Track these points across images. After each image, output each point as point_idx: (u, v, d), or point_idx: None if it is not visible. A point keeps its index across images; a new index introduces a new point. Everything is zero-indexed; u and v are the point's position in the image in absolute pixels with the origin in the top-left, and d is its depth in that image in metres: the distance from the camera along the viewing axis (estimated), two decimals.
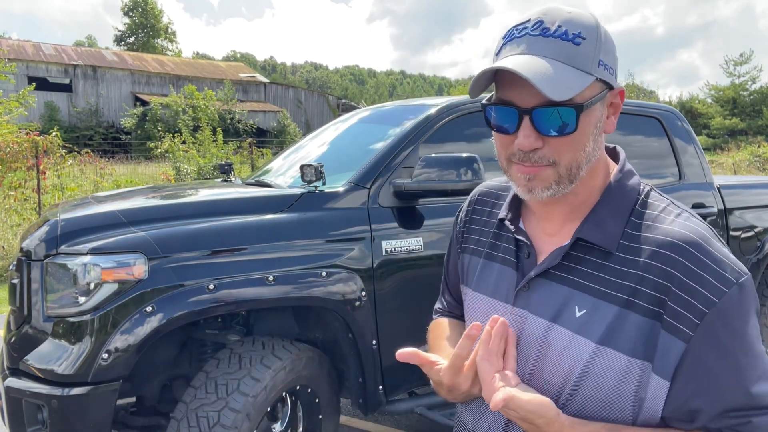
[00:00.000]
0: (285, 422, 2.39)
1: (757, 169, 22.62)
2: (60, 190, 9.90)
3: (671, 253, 0.89)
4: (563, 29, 0.91)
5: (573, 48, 0.91)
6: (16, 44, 33.67)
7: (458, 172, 2.41)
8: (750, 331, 0.88)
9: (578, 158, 0.95)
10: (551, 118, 0.91)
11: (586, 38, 0.92)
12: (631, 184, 1.01)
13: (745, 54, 39.00)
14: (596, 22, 0.94)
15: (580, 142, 0.94)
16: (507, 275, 1.07)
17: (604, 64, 0.94)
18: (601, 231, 0.96)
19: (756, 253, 3.62)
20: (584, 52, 0.91)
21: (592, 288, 0.94)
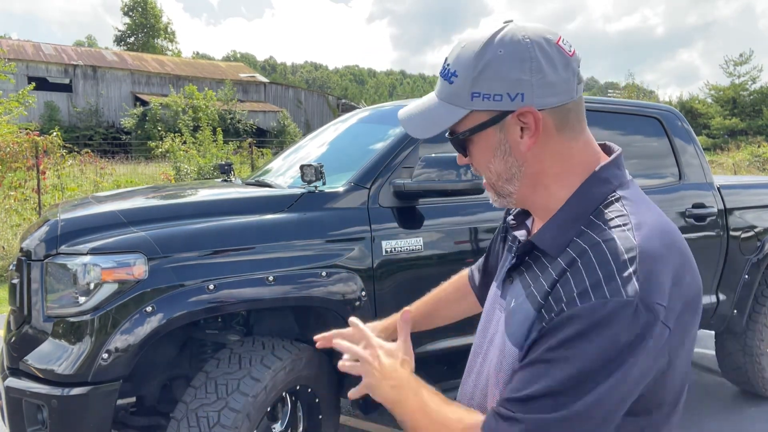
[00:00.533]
0: (285, 422, 2.39)
1: (757, 169, 22.63)
2: (60, 190, 9.90)
3: (577, 257, 0.90)
4: (447, 68, 1.01)
5: (448, 86, 1.01)
6: (16, 44, 33.67)
7: (458, 172, 2.41)
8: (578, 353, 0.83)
9: (490, 176, 1.05)
10: (453, 144, 1.07)
11: (458, 76, 0.99)
12: (596, 192, 0.99)
13: (745, 54, 38.99)
14: (478, 53, 0.97)
15: (483, 162, 1.05)
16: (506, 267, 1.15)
17: (483, 95, 0.97)
18: (547, 236, 0.99)
19: (756, 253, 3.62)
20: (456, 90, 0.99)
21: (528, 284, 1.00)
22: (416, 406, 0.99)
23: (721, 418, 3.63)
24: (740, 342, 3.67)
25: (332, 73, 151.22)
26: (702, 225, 3.40)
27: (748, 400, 3.89)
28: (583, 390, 0.83)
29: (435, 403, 0.98)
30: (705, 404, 3.86)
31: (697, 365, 4.64)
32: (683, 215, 3.34)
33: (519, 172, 1.02)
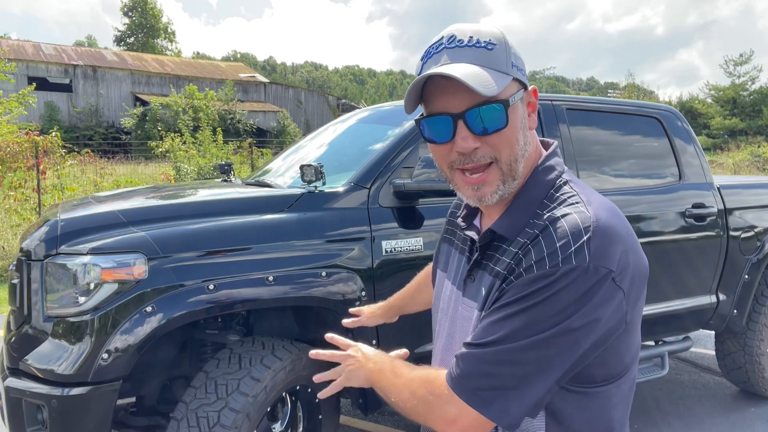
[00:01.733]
0: (285, 422, 2.39)
1: (757, 169, 22.63)
2: (60, 190, 9.89)
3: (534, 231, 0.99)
4: (475, 38, 1.01)
5: (487, 53, 1.00)
6: (16, 44, 33.66)
7: None
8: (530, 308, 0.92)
9: (515, 152, 1.03)
10: (483, 116, 0.99)
11: (496, 44, 1.01)
12: (546, 179, 1.07)
13: (745, 54, 39.01)
14: (501, 32, 1.04)
15: (512, 137, 1.02)
16: (464, 268, 1.18)
17: (516, 66, 1.03)
18: (507, 223, 1.05)
19: (756, 253, 3.62)
20: (497, 56, 1.01)
21: (493, 270, 1.05)
22: (391, 373, 1.10)
23: (721, 418, 3.63)
24: (740, 342, 3.67)
25: (332, 73, 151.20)
26: (702, 225, 3.40)
27: (748, 400, 3.89)
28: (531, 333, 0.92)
29: (407, 368, 1.09)
30: (705, 404, 3.86)
31: (697, 365, 4.64)
32: (683, 215, 3.34)
33: (526, 152, 1.06)
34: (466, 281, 1.14)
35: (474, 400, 0.94)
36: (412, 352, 2.62)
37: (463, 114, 1.00)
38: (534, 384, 0.93)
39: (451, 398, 0.96)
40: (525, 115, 1.06)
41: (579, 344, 0.92)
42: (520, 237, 1.01)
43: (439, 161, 1.09)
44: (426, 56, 1.06)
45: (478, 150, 1.02)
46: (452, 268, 1.25)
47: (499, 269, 1.03)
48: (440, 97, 1.02)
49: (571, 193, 1.03)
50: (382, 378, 1.11)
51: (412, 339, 2.50)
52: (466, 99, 0.99)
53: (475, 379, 0.95)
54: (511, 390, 0.93)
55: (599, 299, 0.92)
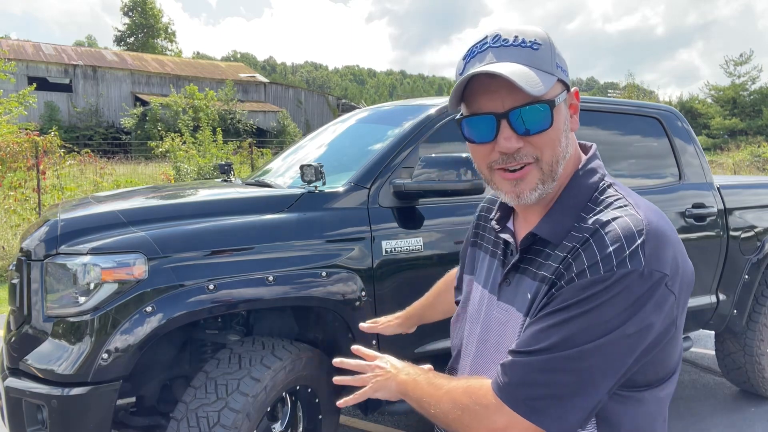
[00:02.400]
0: (285, 422, 2.39)
1: (757, 169, 22.63)
2: (60, 190, 9.89)
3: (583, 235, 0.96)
4: (520, 38, 1.00)
5: (533, 53, 0.99)
6: (16, 44, 33.66)
7: (458, 172, 2.41)
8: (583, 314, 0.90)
9: (557, 153, 1.02)
10: (527, 116, 0.98)
11: (541, 44, 1.01)
12: (588, 182, 1.06)
13: (745, 54, 39.01)
14: (546, 33, 1.03)
15: (556, 138, 1.01)
16: (498, 271, 1.16)
17: (560, 67, 1.03)
18: (550, 226, 1.03)
19: (756, 253, 3.62)
20: (543, 56, 1.00)
21: (538, 275, 1.02)
22: (428, 384, 1.06)
23: (721, 418, 3.63)
24: (740, 342, 3.67)
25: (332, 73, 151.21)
26: (702, 225, 3.40)
27: (748, 400, 3.89)
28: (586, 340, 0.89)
29: (445, 379, 1.06)
30: (705, 404, 3.86)
31: (697, 365, 4.64)
32: (683, 215, 3.34)
33: (567, 153, 1.04)
34: (501, 285, 1.12)
35: (525, 409, 0.91)
36: (412, 352, 2.63)
37: (507, 114, 0.99)
38: (589, 391, 0.90)
39: (499, 408, 0.93)
40: (567, 117, 1.05)
41: (633, 350, 0.91)
42: (566, 241, 0.99)
43: (479, 161, 1.08)
44: (469, 55, 1.04)
45: (520, 150, 1.00)
46: (482, 271, 1.23)
47: (545, 273, 1.00)
48: (483, 97, 1.01)
49: (617, 196, 1.02)
50: (418, 389, 1.07)
51: (412, 339, 2.50)
52: (509, 99, 0.98)
53: (526, 387, 0.92)
54: (566, 398, 0.90)
55: (653, 304, 0.90)
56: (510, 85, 0.96)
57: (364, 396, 1.18)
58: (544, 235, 1.03)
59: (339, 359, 1.25)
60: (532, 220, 1.09)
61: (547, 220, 1.04)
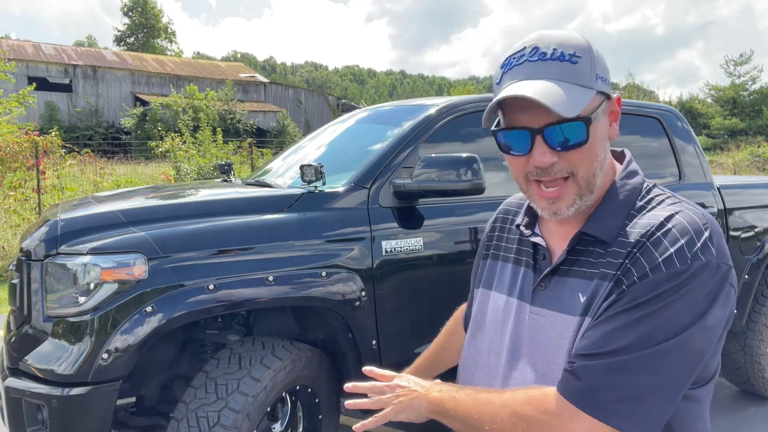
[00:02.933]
0: (285, 422, 2.39)
1: (757, 169, 22.63)
2: (60, 190, 9.89)
3: (647, 230, 0.95)
4: (559, 51, 0.98)
5: (572, 67, 0.97)
6: (16, 44, 33.66)
7: (458, 172, 2.41)
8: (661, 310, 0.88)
9: (593, 167, 1.00)
10: (563, 133, 0.97)
11: (581, 57, 0.98)
12: (632, 183, 1.06)
13: (745, 54, 39.01)
14: (587, 41, 1.01)
15: (592, 152, 0.99)
16: (528, 277, 1.13)
17: (601, 77, 1.00)
18: (601, 225, 1.01)
19: (756, 253, 3.62)
20: (582, 70, 0.98)
21: (592, 273, 1.00)
22: (472, 401, 1.00)
23: (721, 418, 3.63)
24: (740, 342, 3.67)
25: (332, 73, 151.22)
26: None
27: (748, 400, 3.89)
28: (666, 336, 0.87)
29: (490, 392, 1.01)
30: None
31: None
32: None
33: (605, 163, 1.04)
34: (535, 290, 1.09)
35: (605, 413, 0.87)
36: (412, 353, 2.62)
37: (542, 130, 0.98)
38: (671, 390, 0.89)
39: (575, 414, 0.89)
40: (606, 126, 1.04)
41: (710, 343, 0.91)
42: (623, 237, 0.97)
43: (515, 171, 1.07)
44: (506, 66, 1.03)
45: (555, 164, 1.00)
46: (503, 280, 1.18)
47: (606, 271, 0.97)
48: (519, 111, 1.00)
49: (667, 195, 1.03)
50: (461, 407, 1.00)
51: (413, 339, 2.50)
52: (545, 115, 0.97)
53: (604, 391, 0.88)
54: (647, 399, 0.87)
55: (724, 296, 0.91)
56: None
57: (386, 419, 1.11)
58: (596, 234, 1.01)
59: (351, 384, 1.17)
60: (571, 224, 1.08)
61: (596, 220, 1.02)
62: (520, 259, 1.17)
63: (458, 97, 3.02)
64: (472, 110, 2.89)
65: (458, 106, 2.89)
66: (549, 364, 1.03)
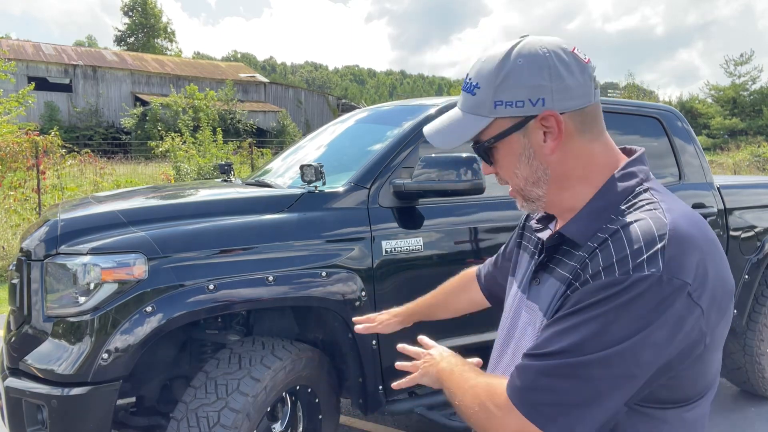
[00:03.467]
0: (285, 422, 2.39)
1: (757, 169, 22.63)
2: (60, 190, 9.89)
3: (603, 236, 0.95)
4: (469, 82, 1.07)
5: (471, 98, 1.06)
6: (16, 44, 33.66)
7: (458, 172, 2.41)
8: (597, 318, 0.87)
9: (516, 182, 1.09)
10: (479, 154, 1.11)
11: (481, 87, 1.04)
12: (623, 186, 1.03)
13: (745, 54, 39.01)
14: (498, 65, 1.02)
15: (509, 170, 1.08)
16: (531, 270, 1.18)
17: (505, 102, 1.02)
18: (576, 227, 1.03)
19: (756, 253, 3.62)
20: (479, 100, 1.04)
21: (564, 276, 1.01)
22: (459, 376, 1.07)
23: (721, 418, 3.63)
24: (740, 342, 3.67)
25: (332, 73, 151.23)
26: None
27: (748, 400, 3.89)
28: (598, 347, 0.86)
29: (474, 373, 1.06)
30: None
31: None
32: None
33: (545, 175, 1.06)
34: (531, 283, 1.13)
35: (534, 415, 0.89)
36: None
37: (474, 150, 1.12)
38: (597, 403, 0.87)
39: (510, 410, 0.91)
40: (530, 145, 1.03)
41: (647, 364, 0.86)
42: (590, 242, 0.97)
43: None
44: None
45: (497, 175, 1.12)
46: (521, 271, 1.24)
47: (566, 273, 0.99)
48: None
49: (651, 200, 0.98)
50: (452, 379, 1.08)
51: (413, 337, 2.50)
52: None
53: (537, 392, 0.89)
54: (573, 407, 0.87)
55: (673, 314, 0.85)
56: None
57: (413, 381, 1.23)
58: (570, 235, 1.02)
59: (402, 345, 1.33)
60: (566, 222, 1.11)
61: (575, 221, 1.04)
62: (534, 251, 1.22)
63: (458, 98, 3.02)
64: None
65: None
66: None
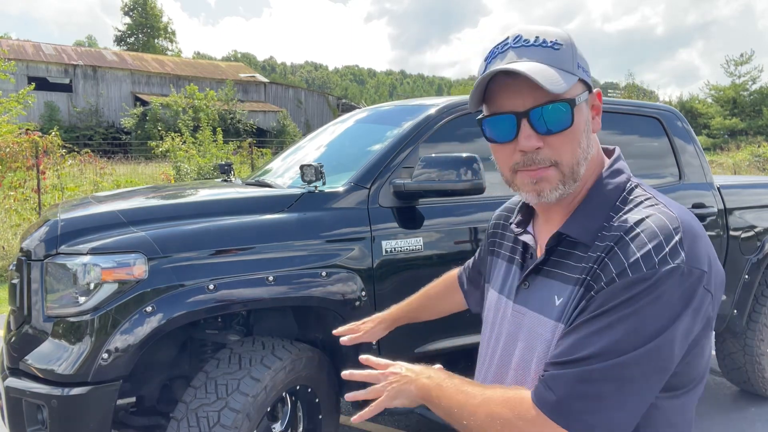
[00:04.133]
0: (285, 422, 2.39)
1: (757, 169, 22.62)
2: (60, 190, 9.89)
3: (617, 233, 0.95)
4: (541, 39, 1.00)
5: (554, 52, 0.99)
6: (16, 44, 33.66)
7: (458, 172, 2.41)
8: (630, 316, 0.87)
9: (577, 155, 1.00)
10: (548, 115, 0.97)
11: (563, 44, 1.00)
12: (615, 182, 1.05)
13: (746, 54, 39.00)
14: (567, 34, 1.03)
15: (575, 138, 1.00)
16: (516, 275, 1.15)
17: (582, 67, 1.02)
18: (578, 226, 1.01)
19: (756, 253, 3.62)
20: (564, 56, 0.99)
21: (569, 277, 0.99)
22: (456, 391, 1.00)
23: (721, 417, 3.63)
24: (740, 342, 3.67)
25: (332, 73, 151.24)
26: (702, 225, 3.40)
27: (748, 400, 3.89)
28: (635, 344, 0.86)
29: (475, 386, 1.00)
30: (705, 404, 3.85)
31: None
32: None
33: (588, 154, 1.03)
34: (519, 288, 1.10)
35: (576, 424, 0.86)
36: (412, 352, 2.62)
37: (527, 112, 0.98)
38: (638, 400, 0.87)
39: (545, 424, 0.88)
40: (589, 118, 1.04)
41: (679, 353, 0.89)
42: (598, 241, 0.96)
43: (501, 163, 1.07)
44: (490, 56, 1.03)
45: (540, 151, 0.99)
46: (498, 277, 1.21)
47: (577, 275, 0.97)
48: (504, 96, 1.00)
49: (647, 196, 1.01)
50: (445, 396, 1.01)
51: (412, 338, 2.51)
52: (530, 98, 0.97)
53: (575, 401, 0.87)
54: (616, 410, 0.86)
55: (696, 302, 0.88)
56: (530, 84, 0.95)
57: (381, 407, 1.10)
58: (574, 235, 1.00)
59: (348, 372, 1.17)
60: (555, 222, 1.08)
61: (575, 220, 1.02)
62: (513, 256, 1.19)
63: (458, 97, 3.02)
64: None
65: (458, 106, 2.89)
66: (525, 362, 1.05)
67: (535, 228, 1.16)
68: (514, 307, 1.10)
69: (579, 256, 0.99)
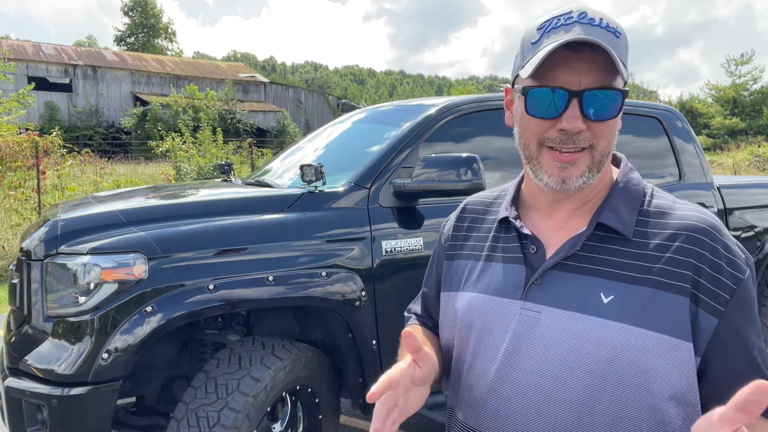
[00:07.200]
0: (285, 422, 2.39)
1: (757, 169, 22.61)
2: (60, 190, 9.90)
3: (697, 235, 0.94)
4: (605, 22, 0.95)
5: (615, 39, 0.94)
6: (16, 44, 33.66)
7: (458, 172, 2.41)
8: (756, 310, 0.95)
9: (610, 145, 0.99)
10: (600, 100, 0.94)
11: (621, 34, 0.96)
12: (636, 179, 1.06)
13: (746, 54, 38.98)
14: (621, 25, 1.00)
15: (614, 129, 0.99)
16: (514, 272, 1.05)
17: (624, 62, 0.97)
18: (617, 218, 0.99)
19: (756, 253, 3.62)
20: (621, 45, 0.95)
21: (614, 273, 0.96)
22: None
23: None
24: None
25: (332, 73, 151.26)
26: None
27: None
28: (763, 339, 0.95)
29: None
30: None
31: None
32: None
33: (612, 151, 1.04)
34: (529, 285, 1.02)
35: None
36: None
37: (581, 93, 0.93)
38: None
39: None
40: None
41: None
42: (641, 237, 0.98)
43: (528, 135, 1.00)
44: (548, 26, 0.97)
45: (582, 133, 0.95)
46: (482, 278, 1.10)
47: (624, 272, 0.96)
48: (560, 71, 0.94)
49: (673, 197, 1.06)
50: None
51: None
52: (587, 79, 0.93)
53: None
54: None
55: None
56: (591, 65, 0.92)
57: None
58: (618, 227, 0.98)
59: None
60: (562, 218, 1.04)
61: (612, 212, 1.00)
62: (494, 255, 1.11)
63: (458, 97, 3.03)
64: (472, 110, 2.89)
65: (458, 106, 2.89)
66: (540, 361, 0.97)
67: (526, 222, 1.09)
68: (524, 305, 1.02)
69: (620, 251, 0.96)
